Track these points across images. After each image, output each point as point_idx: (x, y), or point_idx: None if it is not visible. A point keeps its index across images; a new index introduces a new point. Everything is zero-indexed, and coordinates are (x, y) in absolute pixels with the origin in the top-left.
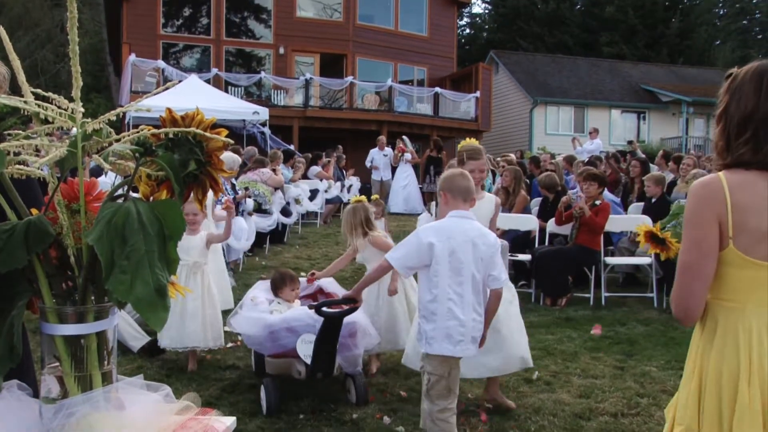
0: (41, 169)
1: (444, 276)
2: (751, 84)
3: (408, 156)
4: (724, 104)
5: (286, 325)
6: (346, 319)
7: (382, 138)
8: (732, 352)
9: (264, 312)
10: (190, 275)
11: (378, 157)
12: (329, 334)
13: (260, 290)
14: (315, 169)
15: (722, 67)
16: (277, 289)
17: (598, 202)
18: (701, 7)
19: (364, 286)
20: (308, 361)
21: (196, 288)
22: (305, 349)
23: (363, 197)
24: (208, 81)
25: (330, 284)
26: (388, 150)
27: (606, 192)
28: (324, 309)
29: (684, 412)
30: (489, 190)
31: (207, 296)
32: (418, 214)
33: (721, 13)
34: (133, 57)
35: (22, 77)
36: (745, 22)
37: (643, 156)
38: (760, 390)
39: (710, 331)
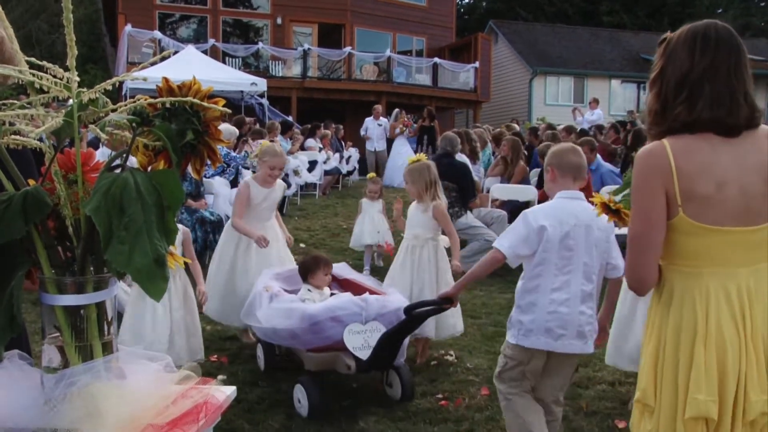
0: (39, 140)
1: (551, 264)
2: (685, 45)
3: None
4: (659, 68)
5: (330, 315)
6: (397, 306)
7: (378, 107)
8: (689, 315)
9: (295, 302)
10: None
11: (372, 126)
12: (405, 332)
13: (269, 279)
14: (310, 142)
15: None
16: (309, 273)
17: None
18: None
19: (468, 282)
20: (361, 354)
21: (177, 295)
22: (354, 340)
23: (423, 155)
24: (205, 52)
25: (342, 269)
26: (383, 120)
27: (604, 163)
28: (416, 311)
29: (641, 374)
30: (488, 161)
31: (187, 303)
32: None
33: None
34: (129, 27)
35: (16, 46)
36: None
37: (642, 126)
38: (716, 352)
39: (668, 297)
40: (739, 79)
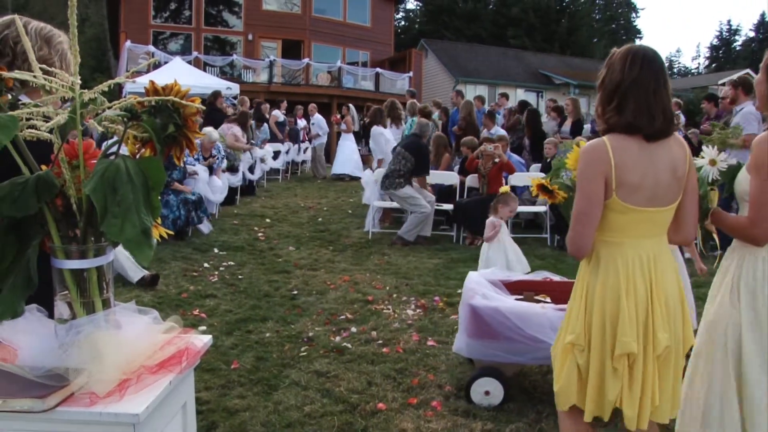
0: (50, 132)
1: None
2: (621, 60)
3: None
4: (603, 76)
5: None
6: None
7: (312, 105)
8: (614, 277)
9: None
10: None
11: (323, 123)
12: None
13: (499, 293)
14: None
15: (599, 58)
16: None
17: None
18: (582, 12)
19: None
20: None
21: None
22: None
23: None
24: (190, 62)
25: (507, 274)
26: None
27: (512, 154)
28: None
29: (575, 323)
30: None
31: None
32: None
33: (598, 17)
34: (128, 43)
35: (32, 56)
36: (613, 26)
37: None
38: (636, 306)
39: (596, 262)
40: (657, 95)
